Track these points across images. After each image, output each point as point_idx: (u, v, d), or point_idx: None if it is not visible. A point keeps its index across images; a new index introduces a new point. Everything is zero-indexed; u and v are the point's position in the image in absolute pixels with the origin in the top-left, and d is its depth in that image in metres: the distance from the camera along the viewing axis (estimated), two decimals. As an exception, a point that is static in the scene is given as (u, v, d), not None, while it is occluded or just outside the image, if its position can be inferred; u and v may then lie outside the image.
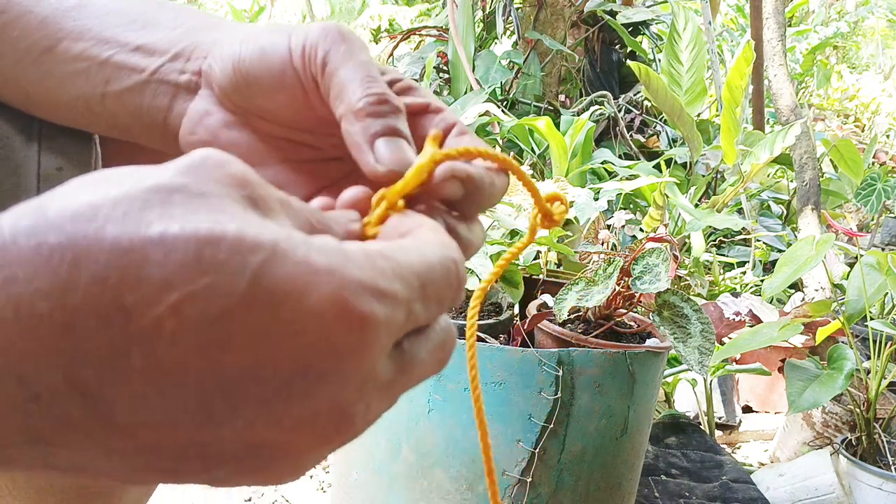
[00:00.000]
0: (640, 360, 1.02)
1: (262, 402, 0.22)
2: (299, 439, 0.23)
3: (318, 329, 0.21)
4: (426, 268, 0.25)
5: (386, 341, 0.23)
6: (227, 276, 0.21)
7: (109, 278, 0.20)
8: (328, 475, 1.47)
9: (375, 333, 0.22)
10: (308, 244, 0.22)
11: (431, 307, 0.26)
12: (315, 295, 0.21)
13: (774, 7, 2.34)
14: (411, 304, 0.24)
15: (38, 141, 0.41)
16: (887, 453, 1.40)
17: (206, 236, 0.21)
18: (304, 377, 0.22)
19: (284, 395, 0.22)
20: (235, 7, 6.24)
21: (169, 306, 0.20)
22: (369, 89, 0.33)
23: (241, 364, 0.21)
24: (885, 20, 7.84)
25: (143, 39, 0.37)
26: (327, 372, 0.22)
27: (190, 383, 0.21)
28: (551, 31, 3.60)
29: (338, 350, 0.22)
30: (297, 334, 0.21)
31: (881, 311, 1.86)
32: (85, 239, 0.20)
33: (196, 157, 0.24)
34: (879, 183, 3.12)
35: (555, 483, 1.01)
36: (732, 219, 1.94)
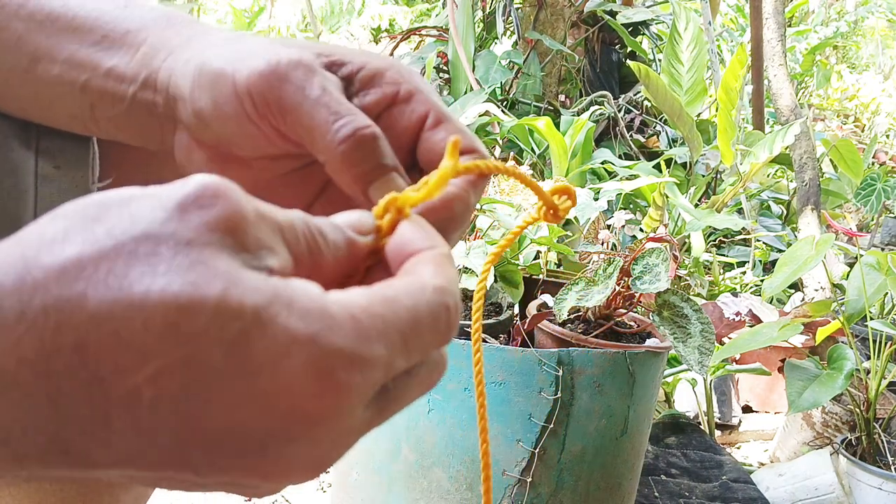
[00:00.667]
0: (640, 360, 1.02)
1: (238, 457, 0.22)
2: (275, 483, 0.24)
3: (292, 398, 0.22)
4: (413, 322, 0.25)
5: (361, 401, 0.24)
6: (204, 346, 0.21)
7: (89, 346, 0.20)
8: (328, 475, 1.48)
9: (350, 399, 0.23)
10: (291, 307, 0.22)
11: (415, 357, 0.26)
12: (291, 365, 0.22)
13: (774, 7, 2.34)
14: (393, 362, 0.25)
15: (35, 141, 0.41)
16: (887, 453, 1.40)
17: (186, 304, 0.21)
18: (280, 440, 0.23)
19: (260, 453, 0.23)
20: (235, 7, 6.24)
21: (146, 377, 0.20)
22: (339, 130, 0.32)
23: (218, 426, 0.22)
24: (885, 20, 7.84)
25: (112, 61, 0.37)
26: (302, 435, 0.23)
27: (168, 441, 0.22)
28: (551, 31, 3.60)
29: (311, 417, 0.23)
30: (272, 403, 0.22)
31: (881, 311, 1.86)
32: (68, 303, 0.20)
33: (190, 192, 0.23)
34: (879, 183, 3.12)
35: (555, 483, 1.01)
36: (732, 219, 1.94)
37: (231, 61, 0.34)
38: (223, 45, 0.35)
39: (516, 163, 2.33)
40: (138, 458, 0.22)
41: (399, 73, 0.36)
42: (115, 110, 0.37)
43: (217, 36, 0.36)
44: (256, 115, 0.34)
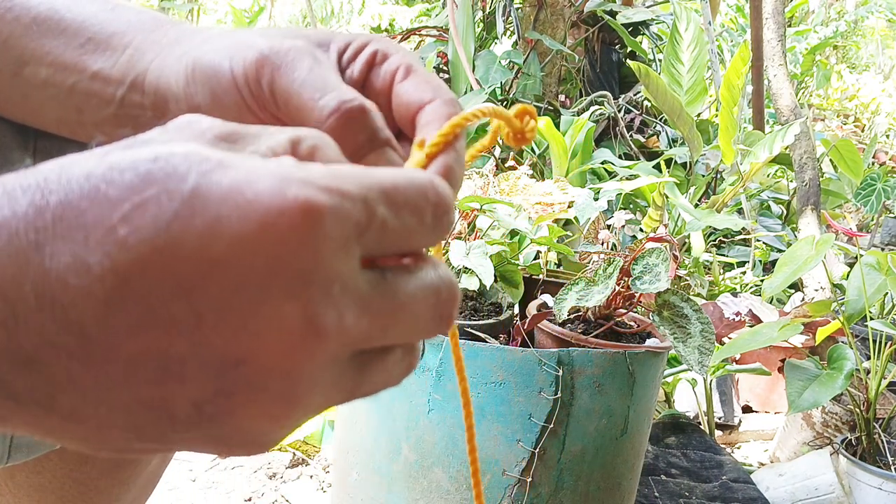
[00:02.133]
0: (640, 360, 1.02)
1: (222, 304, 0.22)
2: (267, 347, 0.22)
3: (260, 223, 0.21)
4: (392, 179, 0.25)
5: (339, 234, 0.22)
6: (171, 184, 0.22)
7: (72, 200, 0.22)
8: (328, 475, 1.48)
9: (321, 221, 0.22)
10: (264, 159, 0.23)
11: (406, 217, 0.25)
12: (254, 189, 0.22)
13: (774, 7, 2.34)
14: (371, 204, 0.23)
15: (32, 142, 0.41)
16: (887, 453, 1.40)
17: (156, 155, 0.22)
18: (260, 273, 0.21)
19: (244, 295, 0.22)
20: (235, 7, 6.24)
21: (120, 216, 0.21)
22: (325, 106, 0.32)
23: (196, 269, 0.21)
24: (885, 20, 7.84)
25: (97, 64, 0.37)
26: (281, 268, 0.22)
27: (148, 285, 0.21)
28: (551, 31, 3.60)
29: (284, 241, 0.21)
30: (242, 231, 0.21)
31: (881, 311, 1.86)
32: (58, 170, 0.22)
33: (171, 122, 0.25)
34: (879, 183, 3.12)
35: (555, 483, 1.01)
36: (732, 219, 1.94)
37: (227, 54, 0.34)
38: (216, 40, 0.35)
39: (516, 163, 2.33)
40: (113, 305, 0.21)
41: (377, 41, 0.36)
42: (102, 114, 0.37)
43: (208, 33, 0.36)
44: (256, 105, 0.34)
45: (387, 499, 1.05)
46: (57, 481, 0.58)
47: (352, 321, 0.23)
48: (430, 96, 0.34)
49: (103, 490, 0.60)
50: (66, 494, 0.59)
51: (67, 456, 0.57)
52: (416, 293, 0.26)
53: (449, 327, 0.27)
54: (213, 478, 1.45)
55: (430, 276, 0.26)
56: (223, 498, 1.39)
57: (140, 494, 0.65)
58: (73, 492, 0.59)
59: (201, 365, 0.22)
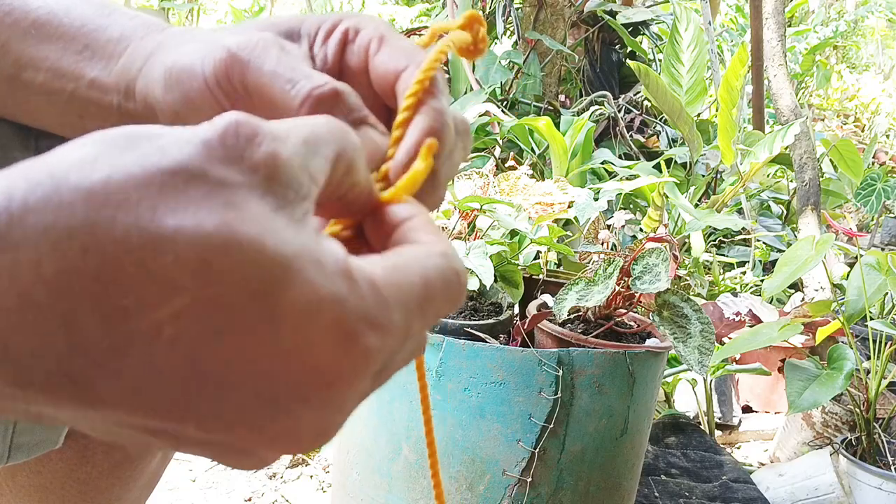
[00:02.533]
0: (640, 360, 1.02)
1: (247, 412, 0.22)
2: (275, 446, 0.23)
3: (314, 356, 0.22)
4: (427, 289, 0.25)
5: (377, 367, 0.24)
6: (233, 289, 0.20)
7: (114, 274, 0.19)
8: (328, 475, 1.48)
9: (369, 363, 0.23)
10: (319, 265, 0.22)
11: (430, 322, 0.26)
12: (318, 322, 0.22)
13: (774, 7, 2.34)
14: (410, 328, 0.25)
15: (34, 141, 0.41)
16: (887, 453, 1.40)
17: (220, 243, 0.20)
18: (293, 398, 0.22)
19: (271, 409, 0.22)
20: (235, 7, 6.24)
21: (170, 313, 0.20)
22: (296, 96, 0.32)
23: (235, 376, 0.21)
24: (885, 20, 7.84)
25: (94, 71, 0.37)
26: (317, 395, 0.22)
27: (179, 385, 0.21)
28: (551, 31, 3.60)
29: (328, 379, 0.22)
30: (294, 357, 0.21)
31: (881, 311, 1.86)
32: (95, 227, 0.19)
33: (220, 129, 0.22)
34: (879, 183, 3.12)
35: (555, 483, 1.01)
36: (732, 219, 1.94)
37: (198, 56, 0.34)
38: (191, 43, 0.35)
39: (516, 163, 2.33)
40: (145, 400, 0.21)
41: (347, 19, 0.36)
42: (104, 121, 0.37)
43: (188, 36, 0.36)
44: (228, 104, 0.33)
45: (387, 499, 1.05)
46: (57, 481, 0.58)
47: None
48: (404, 63, 0.34)
49: (104, 490, 0.60)
50: (66, 494, 0.59)
51: (68, 456, 0.57)
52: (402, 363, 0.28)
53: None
54: (213, 478, 1.45)
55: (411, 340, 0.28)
56: (223, 498, 1.39)
57: (141, 494, 0.65)
58: (73, 491, 0.59)
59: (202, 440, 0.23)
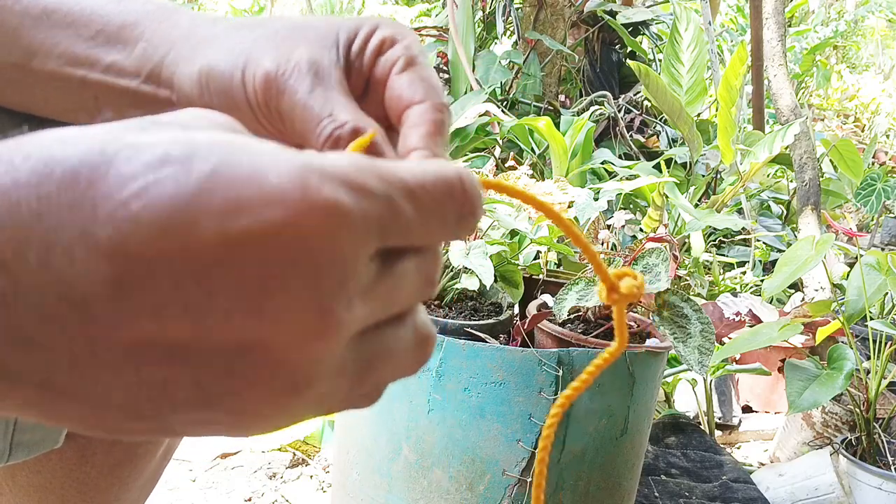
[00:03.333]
0: (640, 360, 1.02)
1: (235, 290, 0.21)
2: (279, 335, 0.22)
3: (281, 212, 0.21)
4: (417, 175, 0.24)
5: (363, 233, 0.22)
6: (191, 163, 0.21)
7: (81, 170, 0.21)
8: (328, 475, 1.48)
9: (344, 221, 0.22)
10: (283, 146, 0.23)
11: (431, 219, 0.25)
12: (275, 177, 0.21)
13: (774, 7, 2.34)
14: (395, 203, 0.23)
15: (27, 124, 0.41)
16: (887, 453, 1.40)
17: (174, 138, 0.22)
18: (279, 263, 0.21)
19: (260, 282, 0.21)
20: (235, 7, 6.24)
21: (134, 191, 0.20)
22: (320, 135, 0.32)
23: (212, 251, 0.21)
24: (885, 20, 7.84)
25: (110, 56, 0.37)
26: (300, 261, 0.21)
27: (158, 267, 0.21)
28: (551, 31, 3.60)
29: (307, 238, 0.21)
30: (264, 219, 0.21)
31: (881, 311, 1.86)
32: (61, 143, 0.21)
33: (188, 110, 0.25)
34: (879, 183, 3.12)
35: (555, 483, 1.01)
36: (732, 219, 1.94)
37: (238, 66, 0.34)
38: (225, 42, 0.35)
39: (516, 163, 2.32)
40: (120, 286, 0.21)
41: (385, 27, 0.36)
42: (121, 101, 0.37)
43: (216, 29, 0.36)
44: (266, 121, 0.35)
45: (387, 499, 1.05)
46: (57, 481, 0.59)
47: (360, 311, 0.23)
48: (420, 97, 0.34)
49: (103, 489, 0.60)
50: (66, 494, 0.59)
51: (67, 455, 0.58)
52: (414, 272, 0.26)
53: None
54: (213, 478, 1.45)
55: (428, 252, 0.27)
56: (223, 498, 1.39)
57: (140, 494, 0.65)
58: (73, 491, 0.59)
59: (208, 349, 0.22)
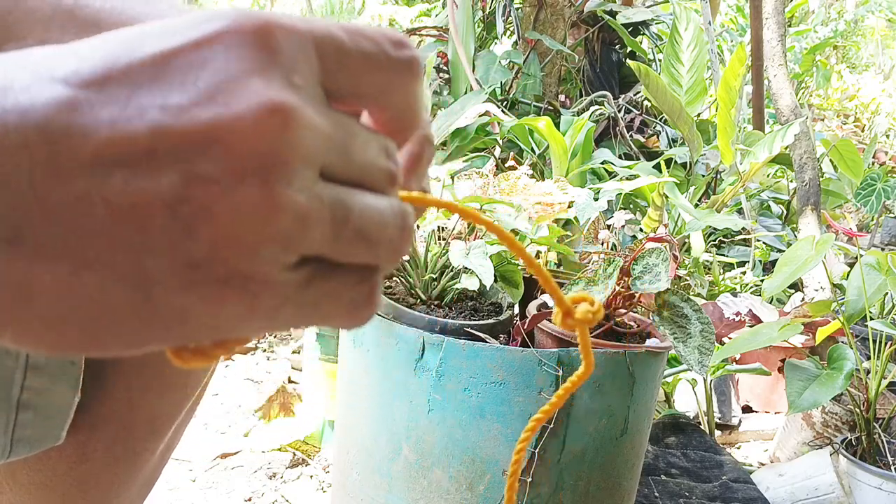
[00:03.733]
0: (640, 360, 1.02)
1: (191, 87, 0.22)
2: (238, 130, 0.21)
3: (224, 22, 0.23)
4: (343, 26, 0.26)
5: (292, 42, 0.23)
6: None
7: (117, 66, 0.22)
8: (328, 475, 1.48)
9: (284, 34, 0.23)
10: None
11: (362, 42, 0.25)
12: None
13: (774, 7, 2.34)
14: (330, 30, 0.25)
15: None
16: (887, 453, 1.40)
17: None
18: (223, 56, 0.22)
19: (213, 79, 0.22)
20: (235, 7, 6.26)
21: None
22: None
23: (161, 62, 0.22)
24: (885, 20, 7.84)
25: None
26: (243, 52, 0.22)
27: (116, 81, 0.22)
28: (551, 31, 3.60)
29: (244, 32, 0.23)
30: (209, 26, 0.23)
31: (881, 311, 1.86)
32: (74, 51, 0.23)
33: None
34: (879, 183, 3.12)
35: (555, 483, 1.01)
36: (732, 219, 1.94)
37: None
38: None
39: (516, 163, 2.32)
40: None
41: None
42: None
43: None
44: None
45: (387, 499, 1.05)
46: (57, 478, 0.59)
47: (317, 116, 0.23)
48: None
49: (104, 487, 0.60)
50: (66, 492, 0.59)
51: (68, 453, 0.58)
52: (368, 136, 0.26)
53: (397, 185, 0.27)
54: (213, 478, 1.45)
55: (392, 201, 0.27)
56: (223, 498, 1.39)
57: (140, 492, 0.65)
58: (73, 489, 0.59)
59: (168, 152, 0.21)
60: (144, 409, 0.59)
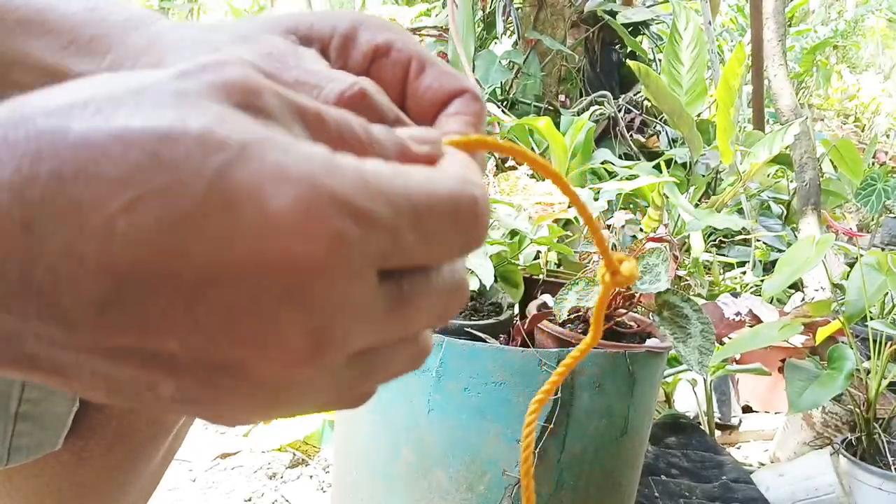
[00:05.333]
0: (640, 360, 1.02)
1: (225, 314, 0.20)
2: (266, 361, 0.21)
3: (278, 240, 0.20)
4: (427, 197, 0.23)
5: (360, 265, 0.21)
6: (184, 176, 0.19)
7: (66, 174, 0.19)
8: (328, 475, 1.47)
9: (344, 252, 0.20)
10: (289, 150, 0.21)
11: (434, 245, 0.23)
12: (276, 201, 0.20)
13: (774, 7, 2.34)
14: (399, 232, 0.22)
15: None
16: (887, 453, 1.40)
17: (167, 132, 0.20)
18: (269, 292, 0.20)
19: (249, 309, 0.20)
20: (235, 7, 6.24)
21: (121, 205, 0.19)
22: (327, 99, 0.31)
23: (202, 273, 0.20)
24: (885, 20, 7.84)
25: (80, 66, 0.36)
26: (293, 289, 0.20)
27: (145, 289, 0.20)
28: (551, 31, 3.60)
29: (301, 266, 0.20)
30: (257, 244, 0.20)
31: (881, 311, 1.86)
32: (51, 133, 0.20)
33: (195, 62, 0.22)
34: (879, 183, 3.11)
35: (555, 483, 1.00)
36: (732, 219, 1.94)
37: None
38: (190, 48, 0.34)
39: (516, 163, 2.32)
40: (106, 306, 0.20)
41: (369, 28, 0.34)
42: None
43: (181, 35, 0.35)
44: None
45: (386, 499, 1.05)
46: (55, 484, 0.58)
47: (358, 339, 0.22)
48: (456, 85, 0.33)
49: (102, 492, 0.60)
50: (63, 497, 0.59)
51: (65, 459, 0.57)
52: (429, 301, 0.24)
53: (450, 317, 0.26)
54: (213, 478, 1.45)
55: (446, 277, 0.25)
56: (223, 498, 1.39)
57: (140, 497, 0.65)
58: (70, 494, 0.59)
59: (191, 363, 0.21)
60: (143, 414, 0.59)
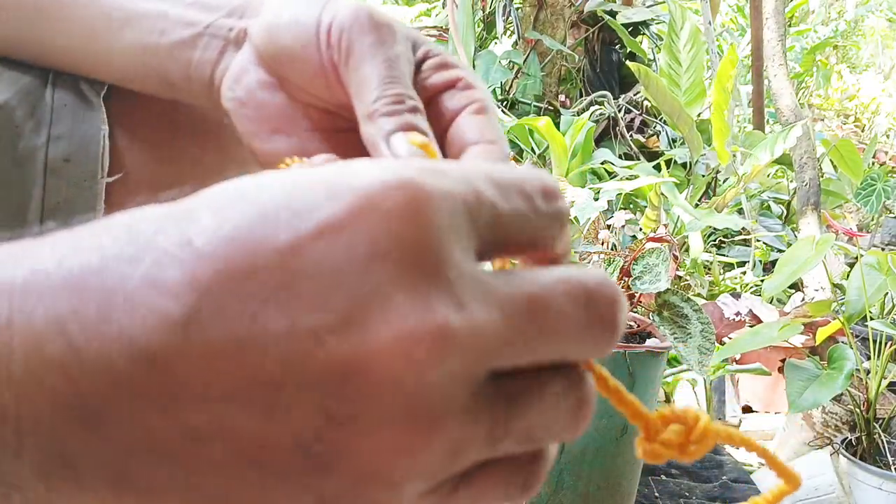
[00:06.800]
0: (640, 360, 1.02)
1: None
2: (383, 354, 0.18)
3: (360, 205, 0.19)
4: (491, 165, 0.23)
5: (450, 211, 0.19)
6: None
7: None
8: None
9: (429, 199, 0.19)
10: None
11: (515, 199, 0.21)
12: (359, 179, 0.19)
13: (774, 7, 2.34)
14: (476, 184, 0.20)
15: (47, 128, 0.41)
16: (887, 453, 1.40)
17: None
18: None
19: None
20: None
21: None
22: (386, 90, 0.31)
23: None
24: (885, 20, 7.84)
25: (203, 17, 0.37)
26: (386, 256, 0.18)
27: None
28: (551, 31, 3.60)
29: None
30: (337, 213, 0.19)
31: (881, 311, 1.86)
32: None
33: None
34: (879, 183, 3.11)
35: (555, 483, 1.01)
36: (732, 219, 1.95)
37: (321, 2, 0.34)
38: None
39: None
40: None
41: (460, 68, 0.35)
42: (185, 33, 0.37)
43: None
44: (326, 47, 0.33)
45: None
46: None
47: (480, 315, 0.19)
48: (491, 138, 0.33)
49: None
50: None
51: None
52: (553, 284, 0.21)
53: (615, 336, 0.21)
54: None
55: (567, 269, 0.22)
56: None
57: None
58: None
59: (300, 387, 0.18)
60: None
